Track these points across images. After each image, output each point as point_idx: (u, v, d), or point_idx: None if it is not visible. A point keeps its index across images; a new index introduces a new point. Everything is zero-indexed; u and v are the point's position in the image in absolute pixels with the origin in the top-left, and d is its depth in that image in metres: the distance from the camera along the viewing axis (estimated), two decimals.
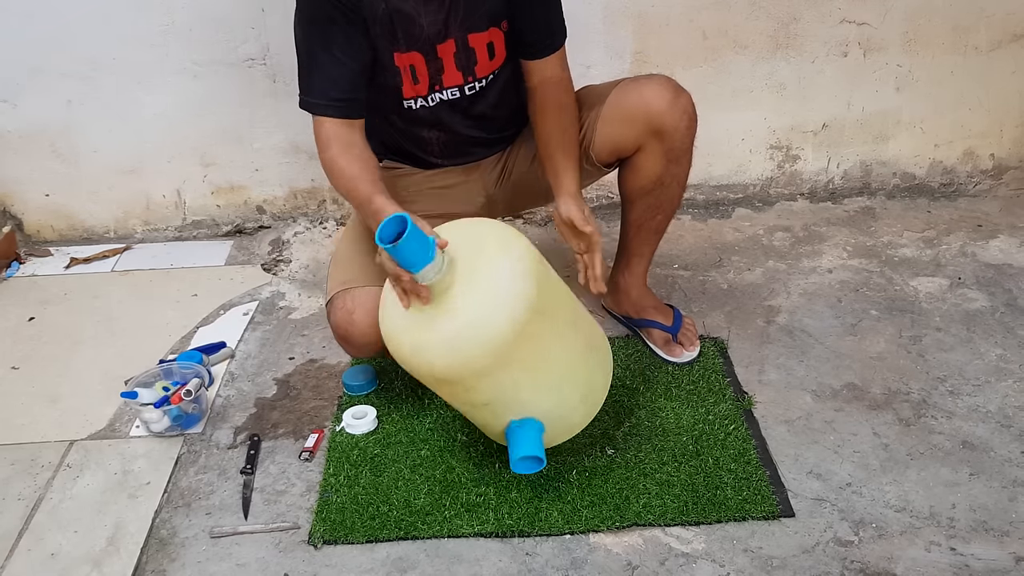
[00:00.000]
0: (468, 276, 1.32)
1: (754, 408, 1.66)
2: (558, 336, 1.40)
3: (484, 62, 1.55)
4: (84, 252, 2.30)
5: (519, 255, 1.34)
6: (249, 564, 1.40)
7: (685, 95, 1.57)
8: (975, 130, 2.37)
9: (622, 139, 1.60)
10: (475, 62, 1.54)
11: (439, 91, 1.55)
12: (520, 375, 1.36)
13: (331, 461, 1.57)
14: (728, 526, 1.42)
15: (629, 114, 1.58)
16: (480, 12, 1.51)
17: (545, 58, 1.58)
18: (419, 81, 1.53)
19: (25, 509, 1.51)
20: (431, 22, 1.48)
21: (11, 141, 2.24)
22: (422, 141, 1.64)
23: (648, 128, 1.56)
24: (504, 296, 1.30)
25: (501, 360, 1.32)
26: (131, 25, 2.13)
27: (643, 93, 1.57)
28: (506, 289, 1.30)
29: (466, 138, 1.64)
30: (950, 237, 2.21)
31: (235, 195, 2.35)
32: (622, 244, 1.79)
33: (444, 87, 1.55)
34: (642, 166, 1.61)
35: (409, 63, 1.51)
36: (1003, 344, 1.81)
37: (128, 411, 1.72)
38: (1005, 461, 1.52)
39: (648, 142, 1.58)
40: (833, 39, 2.23)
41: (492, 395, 1.38)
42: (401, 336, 1.37)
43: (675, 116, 1.56)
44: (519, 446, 1.38)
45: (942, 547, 1.37)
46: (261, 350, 1.90)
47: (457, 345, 1.30)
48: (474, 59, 1.54)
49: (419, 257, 1.28)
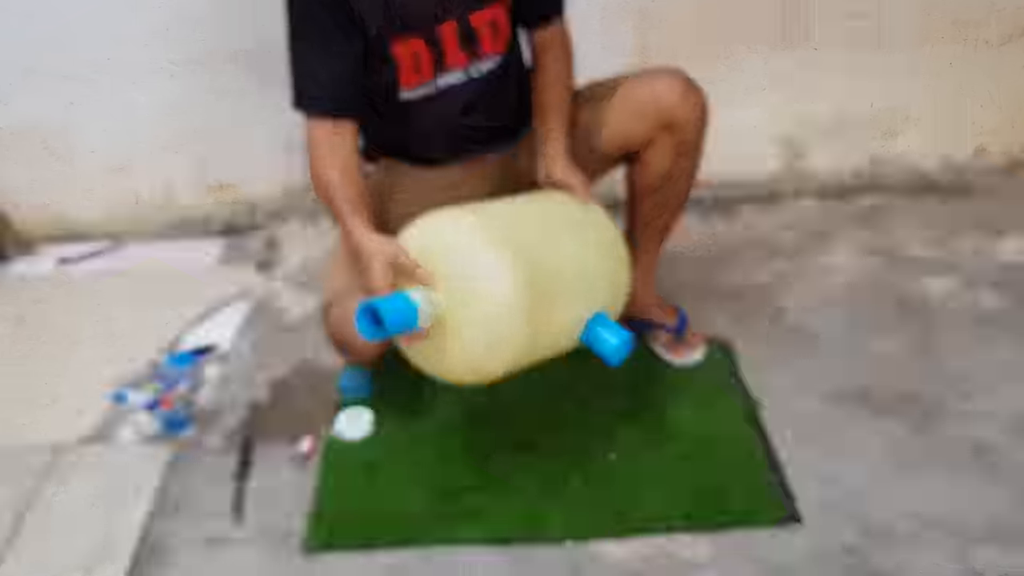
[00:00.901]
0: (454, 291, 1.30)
1: (760, 411, 1.63)
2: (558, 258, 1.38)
3: (488, 42, 1.51)
4: (74, 251, 2.28)
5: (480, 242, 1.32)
6: (241, 570, 1.38)
7: (697, 89, 1.56)
8: (986, 126, 2.33)
9: (632, 132, 1.57)
10: (478, 43, 1.50)
11: (441, 76, 1.51)
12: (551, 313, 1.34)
13: (325, 465, 1.55)
14: (735, 532, 1.39)
15: (640, 107, 1.55)
16: None
17: (549, 24, 1.57)
18: (421, 68, 1.50)
19: (14, 514, 1.49)
20: (428, 2, 1.45)
21: (2, 139, 2.22)
22: (420, 134, 1.60)
23: (659, 121, 1.54)
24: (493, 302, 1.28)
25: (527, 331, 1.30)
26: (122, 22, 2.10)
27: (655, 86, 1.55)
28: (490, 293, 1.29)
29: (466, 128, 1.60)
30: (962, 235, 2.18)
31: (227, 193, 2.33)
32: (627, 243, 1.77)
33: (446, 69, 1.51)
34: (651, 160, 1.59)
35: (411, 51, 1.48)
36: (1017, 345, 1.77)
37: (118, 414, 1.69)
38: (1019, 466, 1.49)
39: (659, 136, 1.56)
40: (841, 33, 2.20)
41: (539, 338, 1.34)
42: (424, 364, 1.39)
43: (687, 109, 1.54)
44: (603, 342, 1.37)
45: (953, 554, 1.34)
46: (254, 351, 1.87)
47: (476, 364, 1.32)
48: (476, 40, 1.50)
49: (408, 321, 1.26)
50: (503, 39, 1.53)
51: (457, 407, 1.63)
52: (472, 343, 1.30)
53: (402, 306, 1.26)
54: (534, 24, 1.58)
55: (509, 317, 1.28)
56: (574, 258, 1.42)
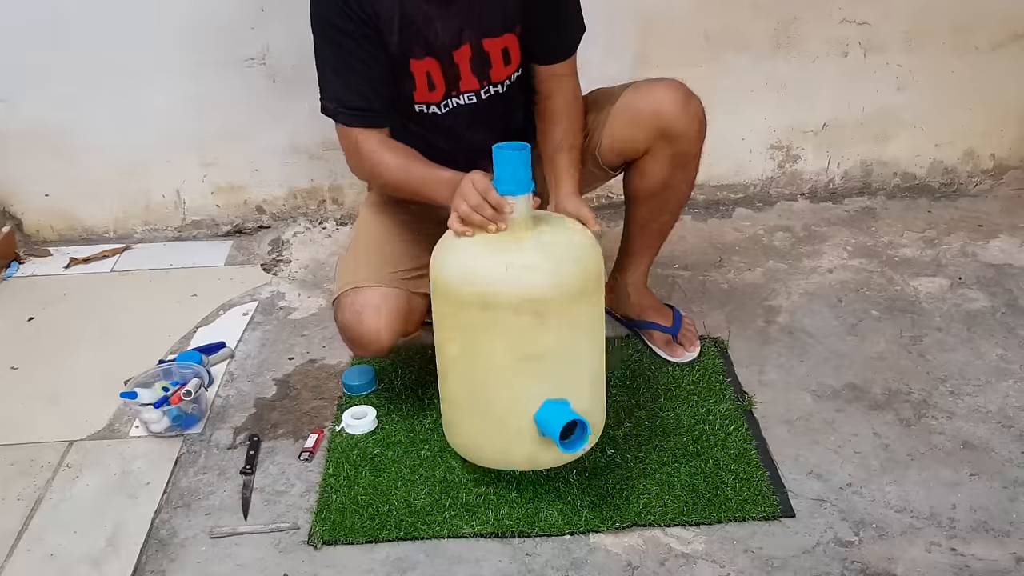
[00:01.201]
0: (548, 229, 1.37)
1: (754, 408, 1.66)
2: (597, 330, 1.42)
3: (499, 67, 1.54)
4: (84, 252, 2.30)
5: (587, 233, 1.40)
6: (248, 564, 1.39)
7: (696, 100, 1.57)
8: (976, 130, 2.37)
9: (631, 142, 1.59)
10: (490, 67, 1.54)
11: (456, 96, 1.55)
12: (578, 338, 1.38)
13: (331, 461, 1.57)
14: (728, 526, 1.42)
15: (639, 117, 1.57)
16: (495, 17, 1.50)
17: (556, 63, 1.57)
18: (435, 87, 1.53)
19: (24, 509, 1.51)
20: (446, 27, 1.48)
21: (11, 141, 2.24)
22: (427, 144, 1.62)
23: (657, 132, 1.56)
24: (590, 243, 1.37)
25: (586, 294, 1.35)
26: (132, 25, 2.12)
27: (654, 97, 1.56)
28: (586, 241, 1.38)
29: (471, 143, 1.61)
30: (951, 237, 2.21)
31: (235, 195, 2.35)
32: (624, 244, 1.79)
33: (461, 92, 1.55)
34: (649, 170, 1.61)
35: (425, 70, 1.51)
36: (1004, 344, 1.81)
37: (127, 411, 1.71)
38: (1006, 461, 1.52)
39: (657, 146, 1.57)
40: (834, 39, 2.23)
41: (554, 341, 1.34)
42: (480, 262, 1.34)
43: (685, 121, 1.55)
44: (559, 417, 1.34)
45: (942, 547, 1.37)
46: (261, 350, 1.90)
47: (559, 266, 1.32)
48: (489, 64, 1.53)
49: (523, 181, 1.31)
50: (514, 64, 1.56)
51: None
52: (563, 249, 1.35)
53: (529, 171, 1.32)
54: (546, 62, 1.58)
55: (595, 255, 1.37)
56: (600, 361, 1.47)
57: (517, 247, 1.33)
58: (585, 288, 1.35)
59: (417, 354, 1.82)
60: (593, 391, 1.45)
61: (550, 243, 1.35)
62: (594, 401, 1.45)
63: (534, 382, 1.36)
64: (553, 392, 1.36)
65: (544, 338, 1.33)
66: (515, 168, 1.30)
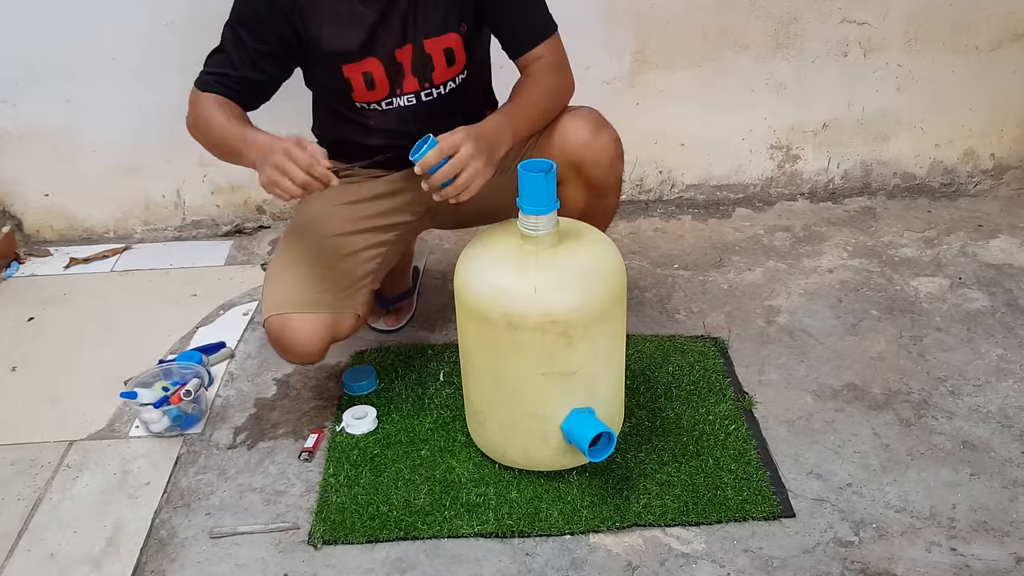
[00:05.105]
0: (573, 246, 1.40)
1: (754, 408, 1.66)
2: (620, 341, 1.47)
3: (442, 69, 1.52)
4: (84, 252, 2.30)
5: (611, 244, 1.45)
6: (249, 564, 1.40)
7: (608, 130, 1.55)
8: (975, 130, 2.37)
9: None
10: (432, 68, 1.52)
11: (398, 96, 1.54)
12: (604, 352, 1.41)
13: (331, 461, 1.57)
14: (728, 526, 1.42)
15: (550, 150, 1.55)
16: (436, 16, 1.48)
17: (529, 51, 1.54)
18: (375, 87, 1.52)
19: (24, 509, 1.51)
20: (388, 27, 1.47)
21: (10, 141, 2.24)
22: (367, 139, 1.60)
23: (566, 163, 1.53)
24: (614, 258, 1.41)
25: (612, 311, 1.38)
26: (131, 24, 2.12)
27: (564, 128, 1.55)
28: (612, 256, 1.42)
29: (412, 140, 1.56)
30: (950, 237, 2.21)
31: (235, 195, 2.35)
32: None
33: (403, 93, 1.53)
34: (567, 197, 1.56)
35: (362, 70, 1.50)
36: (1004, 344, 1.81)
37: (127, 411, 1.71)
38: (1006, 461, 1.52)
39: (568, 176, 1.55)
40: (833, 39, 2.23)
41: (581, 359, 1.37)
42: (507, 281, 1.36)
43: (594, 151, 1.53)
44: (587, 428, 1.39)
45: (942, 547, 1.37)
46: (261, 350, 1.89)
47: (586, 287, 1.35)
48: (431, 66, 1.52)
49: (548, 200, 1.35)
50: (459, 65, 1.54)
51: (458, 403, 1.66)
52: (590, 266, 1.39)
53: None
54: (510, 55, 1.56)
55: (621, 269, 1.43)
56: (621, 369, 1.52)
57: (543, 266, 1.36)
58: (611, 306, 1.38)
59: (417, 354, 1.82)
60: (616, 398, 1.50)
61: (575, 261, 1.37)
62: (616, 407, 1.51)
63: (560, 394, 1.41)
64: (579, 402, 1.42)
65: (571, 356, 1.37)
66: (539, 188, 1.33)
